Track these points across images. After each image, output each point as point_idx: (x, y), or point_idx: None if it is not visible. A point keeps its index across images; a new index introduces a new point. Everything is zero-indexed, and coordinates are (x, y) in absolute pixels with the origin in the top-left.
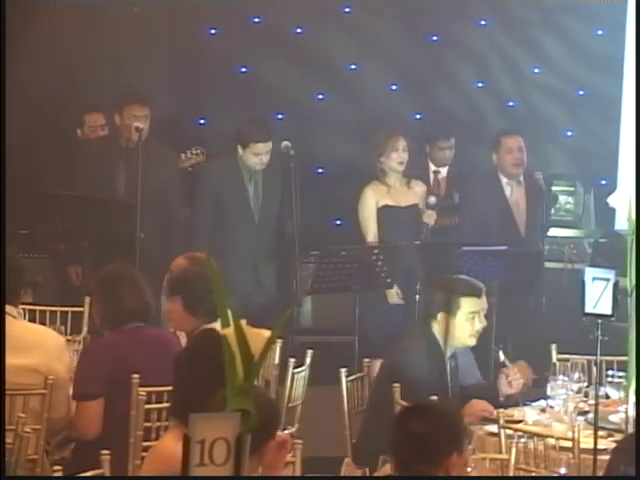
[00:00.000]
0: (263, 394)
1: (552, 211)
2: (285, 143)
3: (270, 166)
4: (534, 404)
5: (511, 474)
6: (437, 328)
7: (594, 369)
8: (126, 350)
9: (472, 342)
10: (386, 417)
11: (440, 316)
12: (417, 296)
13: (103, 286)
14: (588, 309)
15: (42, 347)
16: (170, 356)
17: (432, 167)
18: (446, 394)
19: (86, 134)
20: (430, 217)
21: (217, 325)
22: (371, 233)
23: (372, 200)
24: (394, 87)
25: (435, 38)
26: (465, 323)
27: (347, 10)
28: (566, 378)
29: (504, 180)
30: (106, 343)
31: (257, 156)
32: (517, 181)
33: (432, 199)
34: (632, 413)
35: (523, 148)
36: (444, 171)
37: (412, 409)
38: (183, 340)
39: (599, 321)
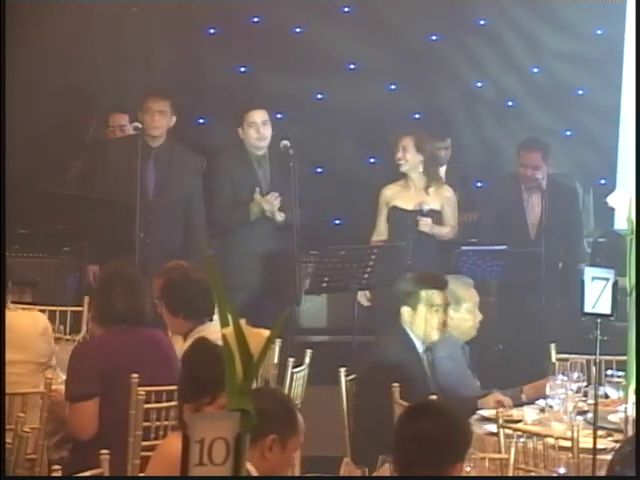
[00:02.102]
0: (282, 395)
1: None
2: (284, 142)
3: (276, 157)
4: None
5: (510, 474)
6: (404, 322)
7: (593, 369)
8: (117, 349)
9: (436, 336)
10: (378, 417)
11: (403, 310)
12: None
13: (99, 285)
14: (587, 309)
15: (24, 338)
16: (160, 355)
17: None
18: (427, 387)
19: (106, 135)
20: (425, 225)
21: (210, 326)
22: (375, 232)
23: (383, 199)
24: (393, 87)
25: (435, 38)
26: (427, 316)
27: (347, 10)
28: (565, 378)
29: (522, 185)
30: (97, 343)
31: (253, 127)
32: (535, 187)
33: (426, 206)
34: (631, 413)
35: (539, 163)
36: (442, 172)
37: (424, 410)
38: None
39: (598, 321)
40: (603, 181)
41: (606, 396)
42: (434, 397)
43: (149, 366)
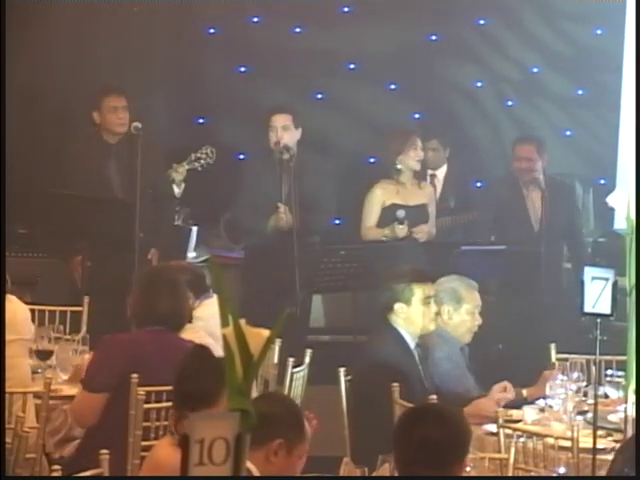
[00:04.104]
0: (291, 402)
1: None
2: (284, 142)
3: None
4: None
5: (510, 474)
6: (395, 319)
7: (593, 368)
8: (144, 351)
9: (433, 327)
10: (377, 417)
11: (397, 306)
12: None
13: (144, 283)
14: (587, 308)
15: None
16: None
17: (429, 171)
18: (421, 384)
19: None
20: (402, 231)
21: (187, 328)
22: (366, 230)
23: (379, 199)
24: (393, 86)
25: (434, 38)
26: (422, 308)
27: (346, 10)
28: (565, 377)
29: (520, 182)
30: (126, 340)
31: (273, 130)
32: (533, 182)
33: (401, 212)
34: (631, 413)
35: (534, 156)
36: (440, 174)
37: (426, 414)
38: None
39: (598, 320)
40: (603, 181)
41: (606, 396)
42: (434, 397)
43: (168, 372)
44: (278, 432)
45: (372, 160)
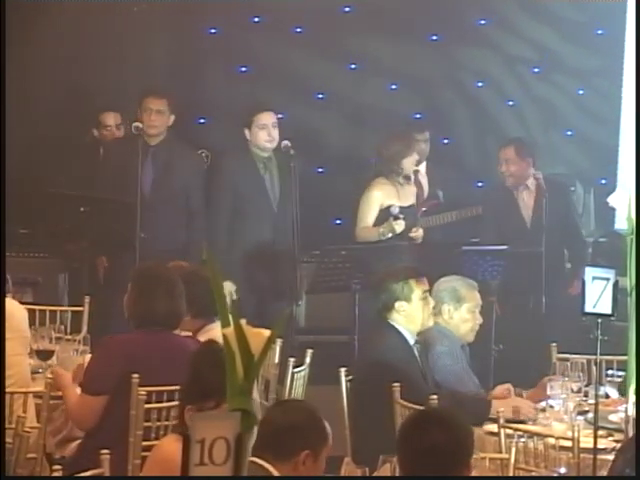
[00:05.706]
0: (309, 408)
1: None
2: (285, 142)
3: (280, 158)
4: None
5: (511, 474)
6: (396, 317)
7: (594, 368)
8: (143, 351)
9: (431, 322)
10: (379, 417)
11: (397, 304)
12: None
13: (142, 283)
14: (588, 308)
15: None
16: (184, 364)
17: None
18: (423, 381)
19: (102, 135)
20: (400, 226)
21: (217, 325)
22: (360, 230)
23: (377, 200)
24: (393, 87)
25: (435, 38)
26: (422, 304)
27: (347, 10)
28: (566, 378)
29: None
30: (124, 341)
31: (264, 130)
32: (523, 185)
33: (395, 208)
34: (632, 413)
35: (513, 158)
36: (422, 169)
37: (431, 420)
38: None
39: (599, 320)
40: (604, 181)
41: (606, 396)
42: (434, 397)
43: (169, 372)
44: (304, 444)
45: (372, 160)
